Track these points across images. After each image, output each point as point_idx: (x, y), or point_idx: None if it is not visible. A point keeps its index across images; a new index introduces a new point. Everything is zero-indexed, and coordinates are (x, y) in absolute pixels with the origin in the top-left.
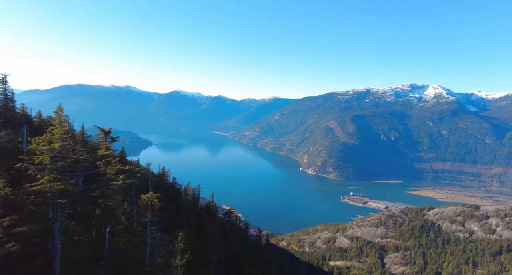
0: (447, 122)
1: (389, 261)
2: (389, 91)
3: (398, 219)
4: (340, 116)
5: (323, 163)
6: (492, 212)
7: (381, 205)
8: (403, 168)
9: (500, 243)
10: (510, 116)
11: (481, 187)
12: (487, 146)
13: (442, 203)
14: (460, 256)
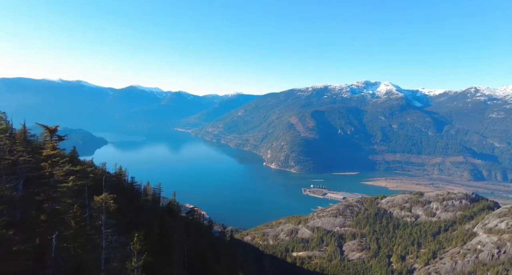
0: (397, 117)
1: (347, 249)
2: (345, 88)
3: (354, 208)
4: (301, 112)
5: (286, 157)
6: (433, 197)
7: (339, 195)
8: (358, 160)
9: (439, 224)
10: (447, 111)
11: (425, 175)
12: (429, 138)
13: (393, 191)
14: (407, 238)
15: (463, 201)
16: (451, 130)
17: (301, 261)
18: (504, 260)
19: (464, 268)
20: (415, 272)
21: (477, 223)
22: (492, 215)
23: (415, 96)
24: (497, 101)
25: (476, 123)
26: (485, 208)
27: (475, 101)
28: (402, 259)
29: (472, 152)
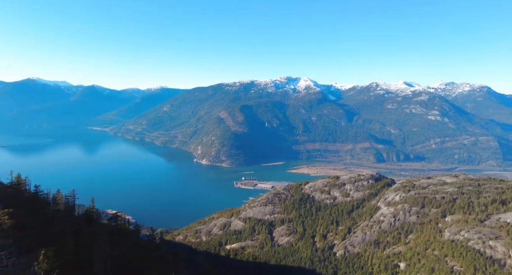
0: (315, 110)
1: (277, 234)
2: (270, 83)
3: (282, 195)
4: (230, 107)
5: (217, 152)
6: (347, 179)
7: (268, 185)
8: (284, 150)
9: (352, 203)
10: (356, 103)
11: (340, 161)
12: (342, 128)
13: (314, 177)
14: (328, 218)
15: (370, 181)
16: (359, 120)
17: (234, 253)
18: (398, 226)
19: (371, 238)
20: (335, 247)
21: (380, 198)
22: (390, 190)
23: (329, 91)
24: (392, 94)
25: (377, 113)
26: (385, 185)
27: (376, 95)
28: (324, 237)
29: (375, 138)
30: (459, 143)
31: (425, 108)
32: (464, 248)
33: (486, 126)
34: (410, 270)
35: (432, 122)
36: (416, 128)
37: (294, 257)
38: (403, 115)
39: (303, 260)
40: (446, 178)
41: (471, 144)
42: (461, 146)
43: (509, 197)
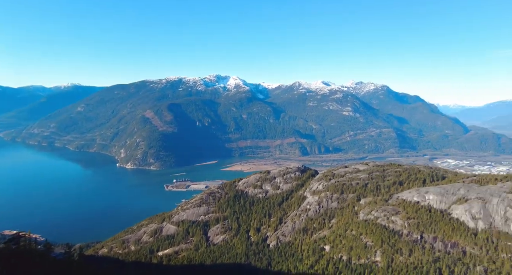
0: (245, 108)
1: (212, 234)
2: (199, 81)
3: (216, 194)
4: (156, 106)
5: (143, 155)
6: (277, 173)
7: (202, 185)
8: (217, 149)
9: (282, 194)
10: (282, 101)
11: (270, 156)
12: (271, 125)
13: (247, 173)
14: (261, 212)
15: (297, 173)
16: (285, 117)
17: (167, 259)
18: (322, 212)
19: (300, 226)
20: (268, 239)
21: (306, 188)
22: (314, 180)
23: (258, 89)
24: (312, 93)
25: (301, 110)
26: (310, 176)
27: (299, 93)
28: (258, 230)
29: (300, 133)
30: (368, 135)
31: (340, 105)
32: (374, 225)
33: (387, 120)
34: (333, 251)
35: (346, 117)
36: (333, 123)
37: (230, 254)
38: (323, 112)
39: (239, 256)
40: (359, 166)
41: (377, 135)
42: (370, 137)
43: (404, 178)
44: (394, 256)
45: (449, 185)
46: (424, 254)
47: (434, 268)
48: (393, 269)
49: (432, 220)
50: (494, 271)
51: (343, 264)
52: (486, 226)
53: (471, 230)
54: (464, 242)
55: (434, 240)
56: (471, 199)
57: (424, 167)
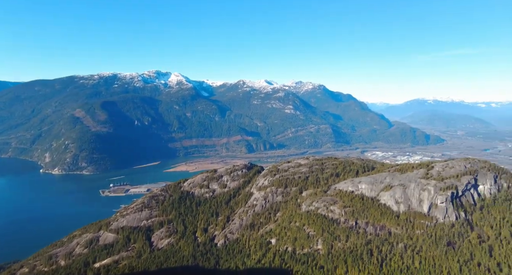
0: (189, 106)
1: (156, 239)
2: (137, 77)
3: (160, 197)
4: (88, 104)
5: (74, 158)
6: (223, 171)
7: (143, 189)
8: (159, 149)
9: (230, 192)
10: (227, 99)
11: (217, 154)
12: (217, 123)
13: (193, 173)
14: (208, 212)
15: (243, 170)
16: (231, 115)
17: (106, 270)
18: (268, 207)
19: (247, 222)
20: (216, 238)
21: (252, 184)
22: (260, 176)
23: (202, 87)
24: (256, 91)
25: (246, 108)
26: (256, 172)
27: (244, 92)
28: (205, 231)
29: (246, 131)
30: (307, 131)
31: (282, 103)
32: (315, 215)
33: (324, 117)
34: (279, 244)
35: (288, 115)
36: (277, 121)
37: (176, 257)
38: (266, 110)
39: (185, 258)
40: (301, 160)
41: (315, 131)
42: (309, 133)
43: (340, 170)
44: (334, 242)
45: (377, 175)
46: (358, 238)
47: (367, 250)
48: (333, 255)
49: (365, 207)
50: (411, 246)
51: (288, 255)
52: (405, 208)
53: (395, 213)
54: (389, 224)
55: (366, 225)
56: (395, 186)
57: (357, 159)
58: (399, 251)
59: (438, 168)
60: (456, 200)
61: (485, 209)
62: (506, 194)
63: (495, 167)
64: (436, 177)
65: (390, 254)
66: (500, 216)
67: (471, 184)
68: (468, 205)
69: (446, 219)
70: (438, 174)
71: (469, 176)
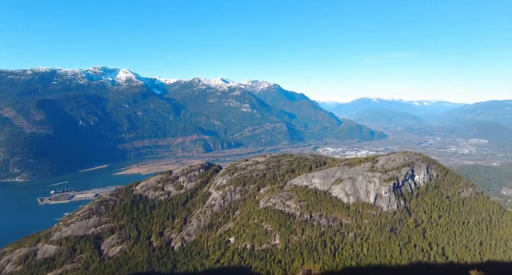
0: (140, 104)
1: (106, 247)
2: (80, 73)
3: (109, 202)
4: (20, 102)
5: (3, 164)
6: (179, 172)
7: (90, 194)
8: (108, 151)
9: (186, 193)
10: (181, 97)
11: (172, 155)
12: (171, 122)
13: (146, 175)
14: (163, 215)
15: (201, 170)
16: (186, 114)
17: None
18: (227, 206)
19: (205, 222)
20: (173, 241)
21: (210, 184)
22: (218, 175)
23: (154, 84)
24: (212, 89)
25: (202, 107)
26: (214, 171)
27: (199, 90)
28: (161, 235)
29: (202, 130)
30: (264, 129)
31: (239, 102)
32: (273, 211)
33: (280, 115)
34: (238, 242)
35: (245, 113)
36: (234, 119)
37: (129, 264)
38: (223, 108)
39: (140, 265)
40: (258, 158)
41: (271, 129)
42: (266, 131)
43: (295, 166)
44: (290, 236)
45: (329, 169)
46: (313, 231)
47: (321, 241)
48: (290, 248)
49: (318, 200)
50: (360, 234)
51: (247, 252)
52: (355, 200)
53: (345, 204)
54: (341, 215)
55: (320, 217)
56: (344, 179)
57: (310, 155)
58: (350, 240)
59: (382, 161)
60: (397, 189)
61: (420, 196)
62: (435, 182)
63: (427, 158)
64: (380, 169)
65: (342, 243)
66: (430, 201)
67: (409, 175)
68: (406, 193)
69: (389, 208)
70: (382, 167)
71: (407, 167)
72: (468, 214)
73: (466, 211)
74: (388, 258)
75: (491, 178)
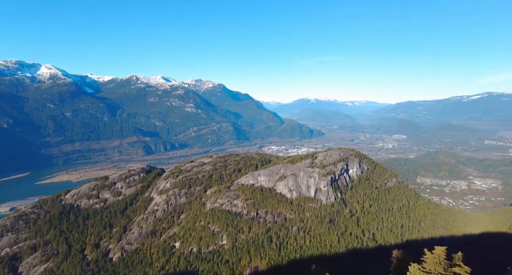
0: (69, 104)
1: (26, 268)
2: None
3: (31, 215)
4: None
5: None
6: (117, 178)
7: (4, 208)
8: (29, 157)
9: (126, 200)
10: (117, 97)
11: (107, 159)
12: (106, 123)
13: (78, 183)
14: (99, 225)
15: (141, 174)
16: (123, 114)
17: None
18: (171, 210)
19: (148, 229)
20: (111, 252)
21: (152, 189)
22: (161, 179)
23: (85, 82)
24: (152, 88)
25: (141, 107)
26: (156, 175)
27: (138, 88)
28: (97, 246)
29: (142, 131)
30: (210, 129)
31: (182, 101)
32: (220, 212)
33: (225, 115)
34: (183, 246)
35: (190, 113)
36: (177, 120)
37: None
38: (165, 108)
39: None
40: (204, 159)
41: (217, 129)
42: (212, 131)
43: (242, 165)
44: (237, 235)
45: (273, 167)
46: (259, 228)
47: (267, 237)
48: (237, 247)
49: (264, 197)
50: (303, 227)
51: (193, 256)
52: (297, 195)
53: (289, 200)
54: (285, 211)
55: (266, 214)
56: (288, 176)
57: (256, 154)
58: (294, 234)
59: (320, 157)
60: (334, 183)
61: (354, 188)
62: (366, 175)
63: (359, 153)
64: (319, 165)
65: (287, 237)
66: (363, 192)
67: (344, 169)
68: (342, 186)
69: (328, 200)
70: (320, 163)
71: (342, 162)
72: (392, 201)
73: (391, 198)
74: (328, 247)
75: (409, 168)
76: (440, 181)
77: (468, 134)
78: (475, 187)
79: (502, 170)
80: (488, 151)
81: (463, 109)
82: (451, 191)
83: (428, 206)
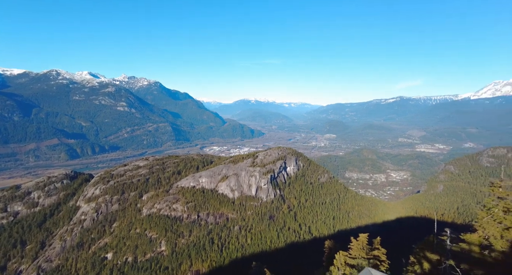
0: None
1: None
2: None
3: None
4: None
5: None
6: (32, 186)
7: None
8: None
9: (44, 211)
10: (32, 93)
11: (19, 165)
12: (17, 124)
13: None
14: (6, 243)
15: (65, 181)
16: (40, 114)
17: None
18: (102, 219)
19: (73, 242)
20: (23, 273)
21: (78, 197)
22: (89, 185)
23: None
24: (77, 85)
25: (63, 105)
26: (83, 181)
27: (59, 84)
28: (3, 269)
29: (65, 133)
30: (145, 130)
31: (113, 99)
32: (158, 217)
33: (163, 115)
34: (117, 257)
35: (122, 113)
36: (107, 120)
37: None
38: (93, 107)
39: None
40: (140, 162)
41: (154, 130)
42: (148, 132)
43: (182, 168)
44: (177, 240)
45: (215, 167)
46: (201, 230)
47: (208, 239)
48: (177, 252)
49: (205, 199)
50: (244, 226)
51: (128, 266)
52: (239, 194)
53: (231, 199)
54: (227, 211)
55: (207, 216)
56: (230, 176)
57: (197, 155)
58: (235, 233)
59: (260, 156)
60: (274, 181)
61: (291, 184)
62: (302, 171)
63: (296, 152)
64: (260, 164)
65: (228, 237)
66: (299, 188)
67: (282, 167)
68: (281, 183)
69: (268, 198)
70: (261, 161)
71: (281, 160)
72: (325, 195)
73: (324, 193)
74: (268, 243)
75: (339, 164)
76: (364, 175)
77: (386, 133)
78: (391, 179)
79: (411, 163)
80: (401, 147)
81: (382, 111)
82: (373, 183)
83: (355, 198)
